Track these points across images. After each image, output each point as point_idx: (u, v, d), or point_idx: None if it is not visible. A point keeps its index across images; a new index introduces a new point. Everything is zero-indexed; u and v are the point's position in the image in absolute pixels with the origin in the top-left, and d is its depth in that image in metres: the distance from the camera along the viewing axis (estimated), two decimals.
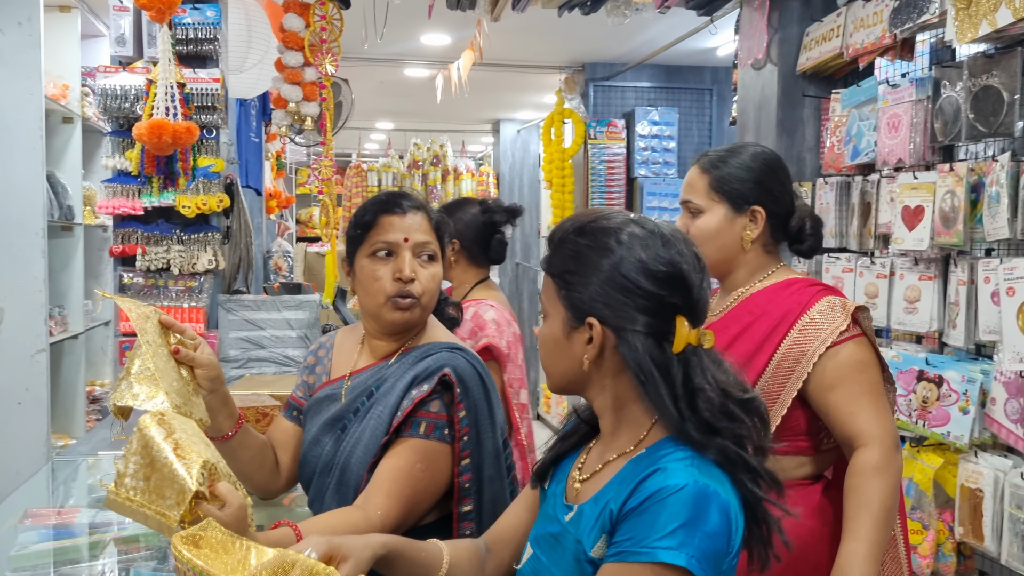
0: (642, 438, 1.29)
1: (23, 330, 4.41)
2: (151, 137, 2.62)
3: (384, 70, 7.20)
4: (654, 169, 6.92)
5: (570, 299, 1.29)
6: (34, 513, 2.00)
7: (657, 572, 1.15)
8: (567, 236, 1.31)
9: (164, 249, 3.41)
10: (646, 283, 1.25)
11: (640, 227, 1.30)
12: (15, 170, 4.36)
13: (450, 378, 1.73)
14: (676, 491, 1.17)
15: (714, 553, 1.16)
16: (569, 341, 1.30)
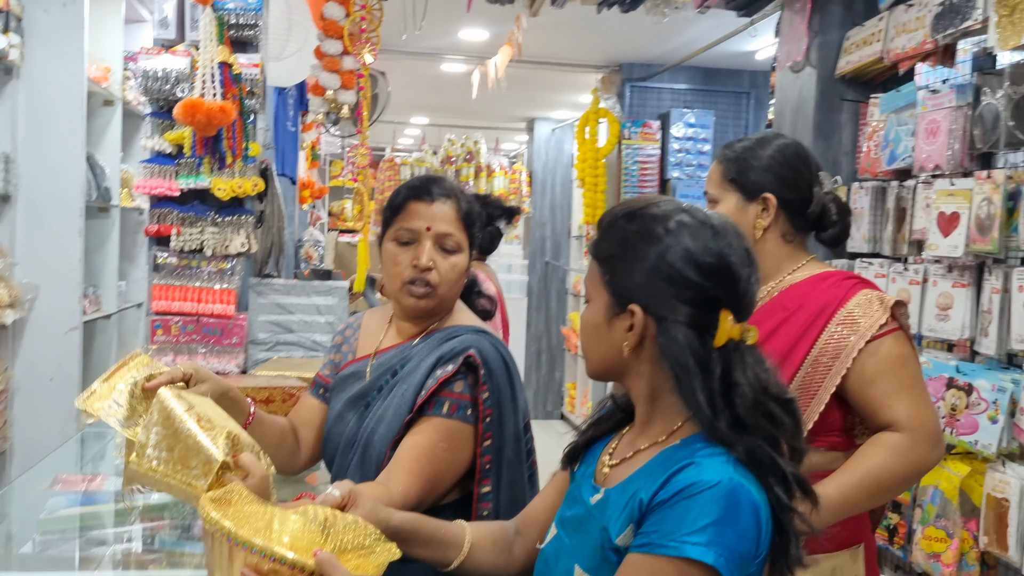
0: (675, 429, 1.29)
1: (57, 308, 4.48)
2: (185, 116, 2.65)
3: (421, 64, 7.24)
4: (688, 171, 6.89)
5: (613, 285, 1.28)
6: (63, 479, 2.04)
7: (683, 568, 1.13)
8: (616, 221, 1.31)
9: (198, 230, 3.45)
10: (692, 273, 1.24)
11: (690, 216, 1.28)
12: (56, 150, 4.44)
13: (475, 359, 1.75)
14: (709, 487, 1.16)
15: (742, 554, 1.15)
16: (610, 327, 1.29)
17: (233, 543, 1.18)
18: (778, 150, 1.96)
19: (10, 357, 4.46)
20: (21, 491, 2.11)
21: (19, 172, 4.42)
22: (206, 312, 3.41)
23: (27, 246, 4.44)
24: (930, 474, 2.74)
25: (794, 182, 1.95)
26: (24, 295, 4.38)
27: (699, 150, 6.90)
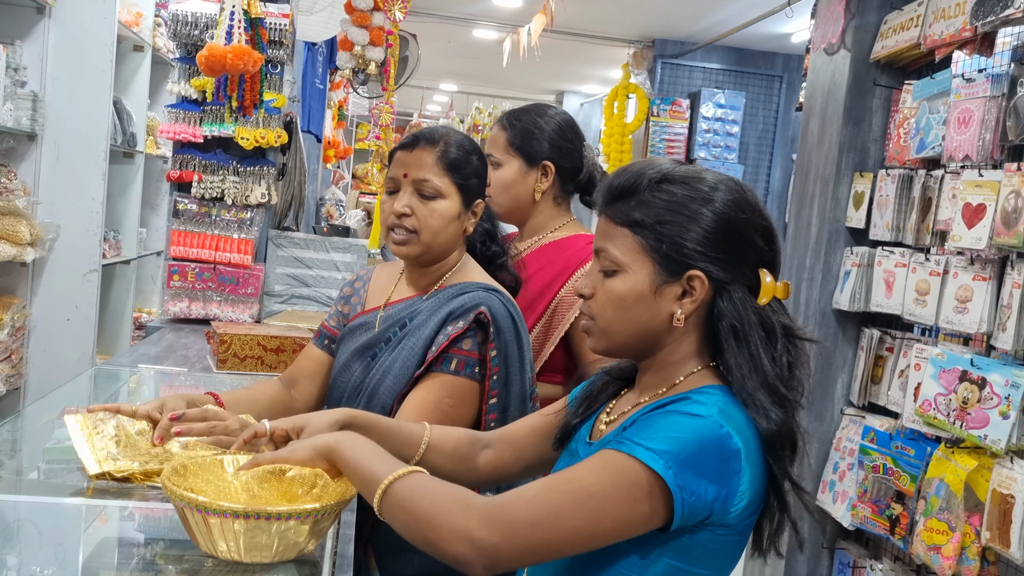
0: (678, 383, 1.28)
1: (77, 249, 4.52)
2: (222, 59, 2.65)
3: (453, 29, 7.19)
4: (715, 152, 6.84)
5: (662, 251, 1.24)
6: (71, 411, 2.05)
7: (632, 467, 1.13)
8: (651, 184, 1.26)
9: (220, 179, 3.46)
10: (753, 236, 1.25)
11: (730, 182, 1.29)
12: (83, 92, 4.46)
13: (485, 316, 1.74)
14: (690, 415, 1.17)
15: (697, 482, 1.13)
16: (656, 296, 1.25)
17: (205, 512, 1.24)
18: (557, 122, 2.20)
19: (29, 295, 4.50)
20: (31, 421, 2.13)
21: (46, 112, 4.44)
22: (223, 260, 3.42)
23: (51, 186, 4.47)
24: (936, 466, 2.72)
25: (569, 152, 2.20)
26: (45, 234, 4.41)
27: (727, 131, 6.84)
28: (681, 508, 1.13)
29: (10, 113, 4.14)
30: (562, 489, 1.14)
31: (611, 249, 1.28)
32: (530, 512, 1.12)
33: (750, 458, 1.20)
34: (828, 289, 3.46)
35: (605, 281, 1.29)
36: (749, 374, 1.23)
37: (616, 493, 1.12)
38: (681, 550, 1.19)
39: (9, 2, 4.31)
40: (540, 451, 1.49)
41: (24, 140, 4.42)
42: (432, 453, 1.45)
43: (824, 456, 3.42)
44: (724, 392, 1.25)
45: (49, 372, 4.39)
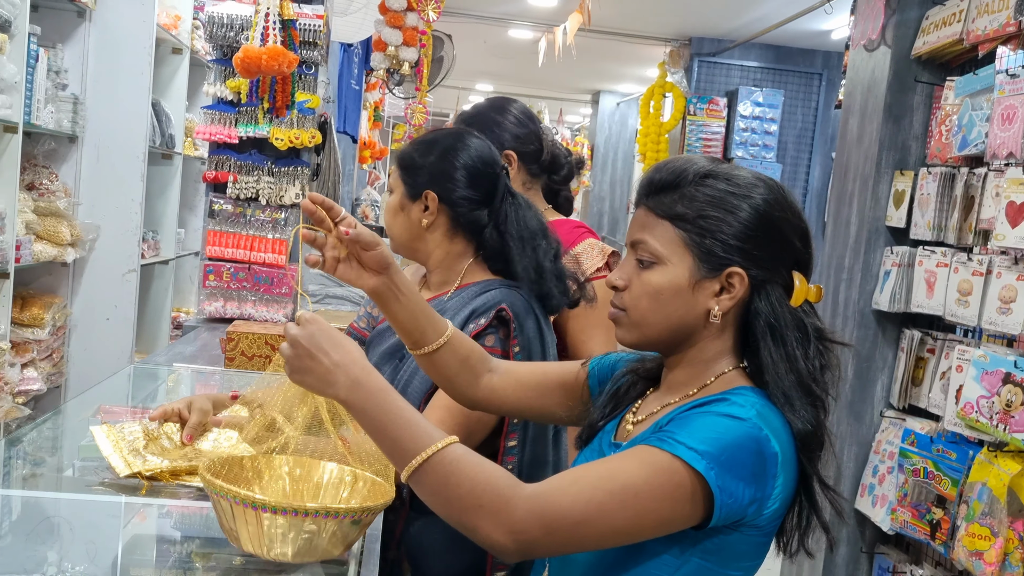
0: (709, 384, 1.27)
1: (117, 249, 4.58)
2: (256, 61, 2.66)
3: (488, 29, 7.19)
4: (752, 152, 6.77)
5: (704, 246, 1.23)
6: (107, 409, 2.08)
7: (673, 465, 1.12)
8: (696, 179, 1.25)
9: (255, 179, 3.48)
10: (792, 237, 1.25)
11: (769, 179, 1.29)
12: (123, 95, 4.52)
13: (507, 313, 1.73)
14: (729, 416, 1.16)
15: (736, 483, 1.13)
16: (694, 291, 1.24)
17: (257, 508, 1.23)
18: (512, 112, 2.28)
19: (69, 295, 4.57)
20: (67, 418, 2.16)
21: (86, 114, 4.51)
22: (258, 260, 3.44)
23: (91, 187, 4.53)
24: (979, 470, 2.66)
25: (527, 137, 2.26)
26: (86, 235, 4.48)
27: (765, 130, 6.76)
28: (720, 510, 1.13)
29: (51, 115, 4.20)
30: (607, 487, 1.12)
31: (651, 241, 1.26)
32: (575, 511, 1.11)
33: (786, 462, 1.19)
34: (867, 289, 3.40)
35: (641, 273, 1.27)
36: (785, 373, 1.22)
37: (660, 493, 1.12)
38: (712, 550, 1.19)
39: (51, 6, 4.38)
40: (541, 402, 1.49)
41: (65, 142, 4.49)
42: (447, 351, 1.44)
43: (863, 459, 3.36)
44: (759, 394, 1.23)
45: (89, 370, 4.45)
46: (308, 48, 3.36)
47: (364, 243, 1.35)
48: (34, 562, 1.44)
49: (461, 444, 1.17)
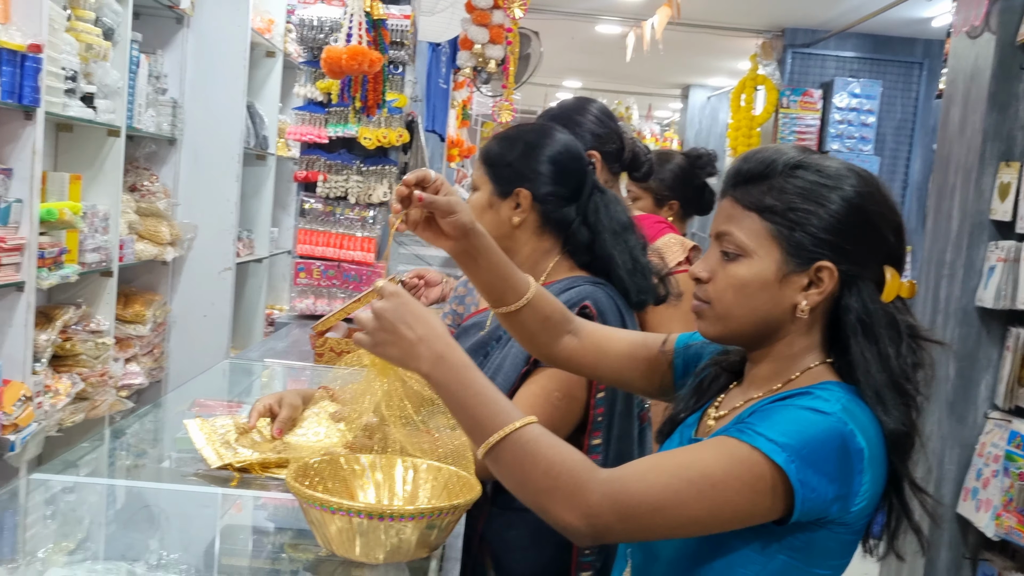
0: (794, 378, 1.23)
1: (213, 248, 4.72)
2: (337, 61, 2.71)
3: (575, 25, 7.16)
4: (848, 144, 6.57)
5: (793, 240, 1.19)
6: (201, 403, 2.14)
7: (754, 458, 1.10)
8: (785, 170, 1.21)
9: (344, 178, 3.54)
10: (884, 229, 1.21)
11: (862, 171, 1.25)
12: (219, 98, 4.65)
13: (591, 310, 1.72)
14: (812, 410, 1.13)
15: (819, 478, 1.10)
16: (782, 285, 1.20)
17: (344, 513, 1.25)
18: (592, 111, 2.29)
19: (169, 293, 4.73)
20: (165, 412, 2.23)
21: (184, 117, 4.66)
22: (347, 258, 3.50)
23: (189, 188, 4.68)
24: None
25: (608, 136, 2.27)
26: (184, 234, 4.63)
27: (863, 122, 6.56)
28: (801, 504, 1.11)
29: (152, 119, 4.35)
30: (685, 475, 1.11)
31: (737, 233, 1.22)
32: (651, 498, 1.10)
33: (873, 459, 1.15)
34: (970, 286, 3.26)
35: (727, 265, 1.23)
36: (877, 371, 1.18)
37: (738, 484, 1.10)
38: (798, 547, 1.16)
39: (152, 13, 4.53)
40: (619, 370, 1.48)
41: (165, 144, 4.64)
42: (530, 310, 1.44)
43: (966, 462, 3.22)
44: (846, 389, 1.20)
45: (188, 366, 4.59)
46: (395, 48, 3.40)
47: (440, 211, 1.35)
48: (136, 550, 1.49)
49: (540, 425, 1.17)
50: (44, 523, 1.59)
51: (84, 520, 1.64)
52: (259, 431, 1.75)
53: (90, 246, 3.74)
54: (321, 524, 1.28)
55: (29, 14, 3.15)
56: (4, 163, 3.20)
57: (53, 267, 3.38)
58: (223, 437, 1.71)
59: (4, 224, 3.15)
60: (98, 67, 3.74)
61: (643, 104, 10.05)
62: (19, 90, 3.10)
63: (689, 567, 1.22)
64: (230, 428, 1.75)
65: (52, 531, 1.56)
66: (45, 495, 1.65)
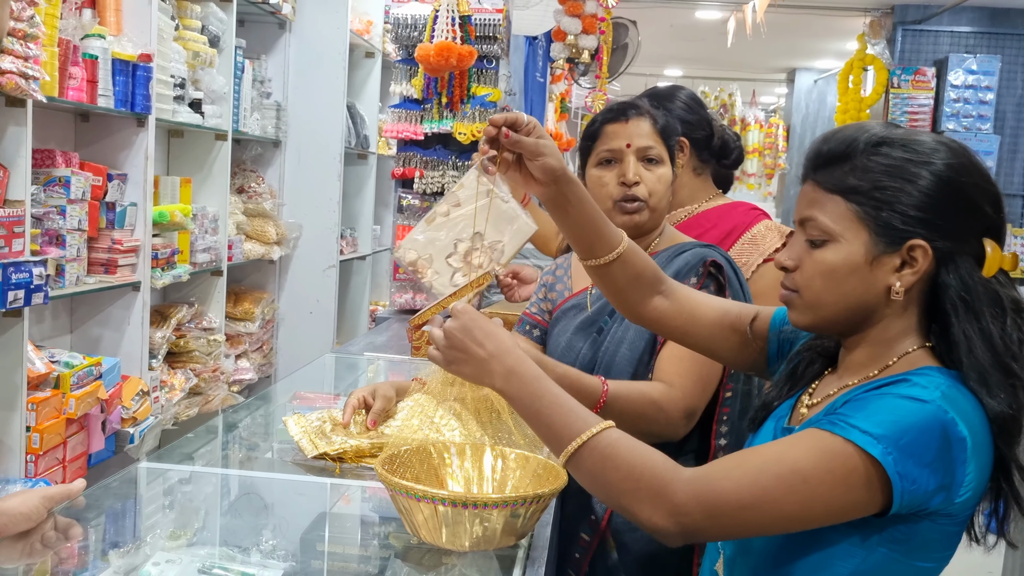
0: (891, 364, 1.18)
1: (317, 246, 4.85)
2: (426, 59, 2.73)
3: (674, 12, 7.05)
4: (965, 123, 6.28)
5: (880, 220, 1.14)
6: (302, 395, 2.20)
7: (847, 452, 1.06)
8: (868, 148, 1.17)
9: (440, 174, 3.57)
10: (981, 202, 1.15)
11: (951, 142, 1.19)
12: (320, 99, 4.76)
13: (719, 262, 1.80)
14: (910, 399, 1.09)
15: (918, 468, 1.05)
16: (872, 268, 1.16)
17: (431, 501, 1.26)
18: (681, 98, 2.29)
19: (276, 290, 4.87)
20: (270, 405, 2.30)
21: (288, 119, 4.79)
22: None
23: (293, 188, 4.81)
24: None
25: (697, 123, 2.26)
26: (290, 233, 4.76)
27: (980, 99, 6.25)
28: (900, 497, 1.07)
29: (257, 122, 4.49)
30: (773, 470, 1.08)
31: (821, 217, 1.19)
32: (739, 495, 1.08)
33: (977, 447, 1.10)
34: None
35: (813, 252, 1.20)
36: (981, 351, 1.12)
37: (831, 479, 1.07)
38: (900, 539, 1.12)
39: (256, 20, 4.68)
40: (709, 339, 1.45)
41: (270, 146, 4.78)
42: (621, 263, 1.43)
43: None
44: (946, 375, 1.14)
45: (295, 361, 4.72)
46: (487, 42, 3.40)
47: (527, 151, 1.33)
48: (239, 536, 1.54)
49: (617, 429, 1.16)
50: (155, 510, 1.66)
51: (192, 507, 1.71)
52: (355, 423, 1.78)
53: (201, 246, 3.89)
54: (408, 512, 1.30)
55: (139, 25, 3.29)
56: (119, 168, 3.36)
57: (166, 267, 3.52)
58: (319, 428, 1.75)
59: (120, 227, 3.30)
60: (205, 74, 3.88)
61: (746, 90, 9.82)
62: (131, 98, 3.24)
63: (783, 561, 1.19)
64: (325, 420, 1.78)
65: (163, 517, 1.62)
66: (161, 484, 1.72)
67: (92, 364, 2.99)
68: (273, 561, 1.43)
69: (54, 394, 2.81)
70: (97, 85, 3.03)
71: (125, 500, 1.66)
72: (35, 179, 2.90)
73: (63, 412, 2.84)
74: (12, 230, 2.55)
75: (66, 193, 2.96)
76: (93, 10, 3.22)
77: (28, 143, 2.64)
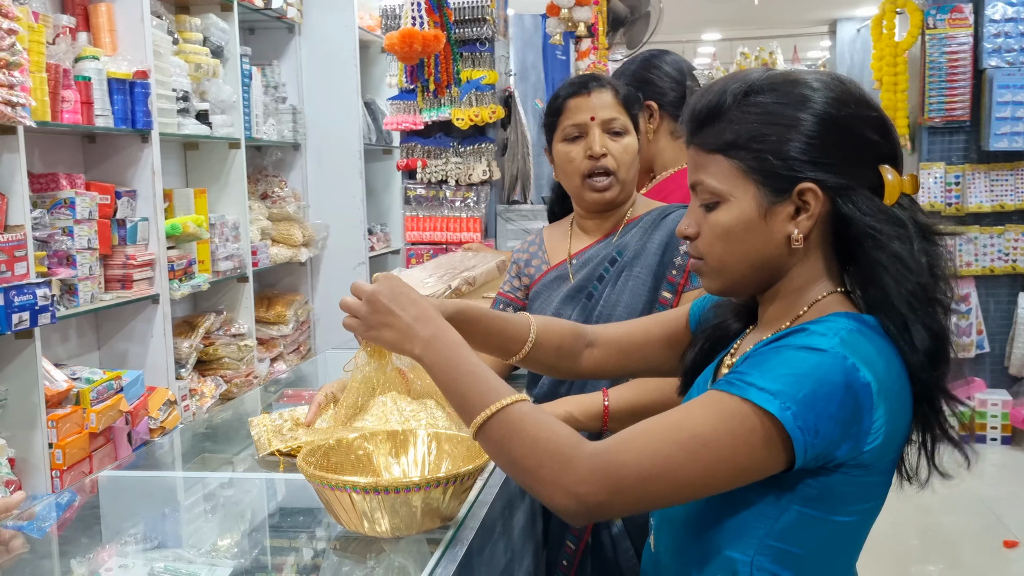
0: (802, 314, 1.15)
1: (346, 245, 4.90)
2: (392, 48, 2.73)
3: None
4: (1008, 58, 5.98)
5: (765, 170, 1.11)
6: (288, 394, 2.23)
7: (746, 413, 1.03)
8: (737, 101, 1.13)
9: (443, 162, 3.56)
10: (865, 131, 1.11)
11: (825, 75, 1.15)
12: (335, 99, 4.81)
13: None
14: (806, 349, 1.04)
15: (820, 421, 1.02)
16: (767, 220, 1.12)
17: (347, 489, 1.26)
18: (643, 62, 2.28)
19: (310, 291, 4.94)
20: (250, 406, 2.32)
21: (305, 122, 4.83)
22: (454, 240, 3.53)
23: (317, 189, 4.87)
24: None
25: (664, 87, 2.23)
26: (317, 234, 4.81)
27: (1022, 32, 5.96)
28: (804, 451, 1.03)
29: (273, 128, 4.54)
30: (672, 438, 1.05)
31: (707, 180, 1.15)
32: (639, 466, 1.04)
33: (884, 391, 1.05)
34: None
35: (708, 216, 1.16)
36: (895, 278, 1.08)
37: (731, 440, 1.03)
38: (813, 496, 1.08)
39: (265, 27, 4.73)
40: (648, 363, 1.44)
41: (290, 150, 4.84)
42: (537, 350, 1.41)
43: None
44: (850, 319, 1.10)
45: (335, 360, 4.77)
46: (474, 25, 3.38)
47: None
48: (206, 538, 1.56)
49: (530, 403, 1.13)
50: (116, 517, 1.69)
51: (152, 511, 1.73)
52: (325, 418, 1.79)
53: (222, 255, 3.96)
54: (328, 503, 1.30)
55: (134, 43, 3.36)
56: (128, 185, 3.43)
57: (184, 278, 3.60)
58: (278, 427, 1.76)
59: (133, 242, 3.38)
60: (211, 84, 3.94)
61: (788, 47, 9.56)
62: (131, 115, 3.31)
63: (703, 527, 1.15)
64: (286, 419, 1.80)
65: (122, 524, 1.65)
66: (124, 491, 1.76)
67: (112, 378, 3.07)
68: (225, 560, 1.45)
69: (74, 410, 2.89)
70: (93, 106, 3.10)
71: (88, 509, 1.69)
72: (40, 203, 2.98)
73: (85, 427, 2.92)
74: (13, 254, 2.62)
75: (72, 214, 3.04)
76: (88, 33, 3.30)
77: (23, 168, 2.72)
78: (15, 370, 2.75)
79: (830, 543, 1.11)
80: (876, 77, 6.30)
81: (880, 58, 6.23)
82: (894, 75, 6.14)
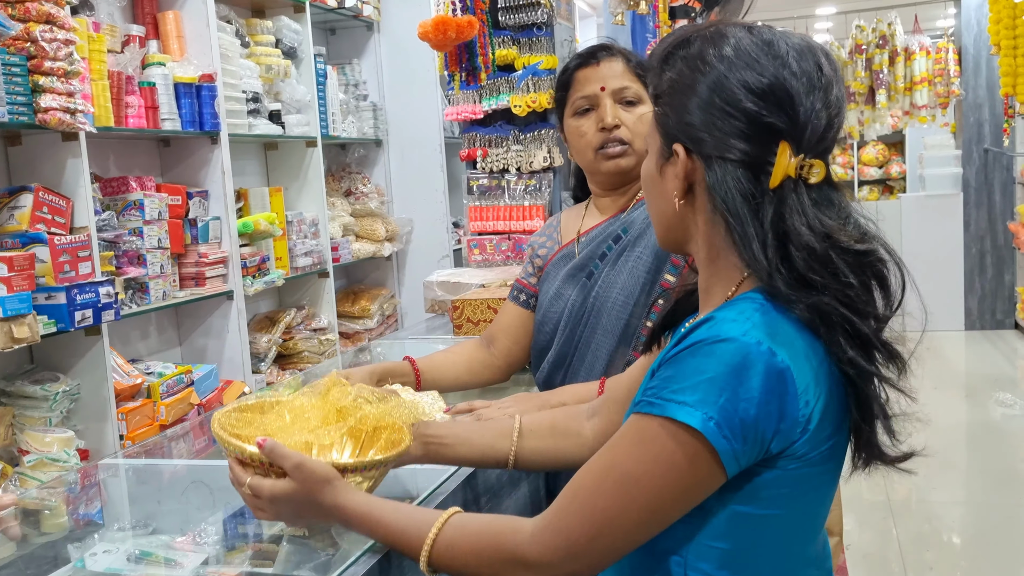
0: (730, 293, 1.06)
1: (429, 238, 4.93)
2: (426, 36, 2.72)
3: None
4: None
5: (664, 125, 1.08)
6: None
7: (669, 430, 0.95)
8: (668, 53, 1.09)
9: (503, 150, 3.51)
10: (745, 100, 1.01)
11: (751, 36, 1.05)
12: (415, 95, 4.86)
13: None
14: (715, 342, 0.96)
15: (746, 424, 0.94)
16: (662, 177, 1.10)
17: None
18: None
19: (395, 286, 5.00)
20: None
21: (387, 119, 4.90)
22: (517, 229, 3.48)
23: (399, 185, 4.93)
24: None
25: None
26: (401, 229, 4.87)
27: None
28: (735, 460, 0.96)
29: (353, 125, 4.62)
30: (605, 487, 0.99)
31: None
32: (583, 528, 1.00)
33: (808, 371, 0.97)
34: None
35: None
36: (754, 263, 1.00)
37: (661, 470, 0.97)
38: (747, 494, 1.00)
39: (345, 26, 4.82)
40: None
41: (372, 147, 4.91)
42: (527, 446, 1.37)
43: None
44: (763, 298, 1.01)
45: None
46: (530, 10, 3.32)
47: None
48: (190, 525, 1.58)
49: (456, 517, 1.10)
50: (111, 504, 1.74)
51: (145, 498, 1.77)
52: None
53: (300, 251, 4.05)
54: None
55: (201, 48, 3.47)
56: (200, 186, 3.55)
57: (257, 274, 3.70)
58: None
59: (205, 241, 3.49)
60: (285, 85, 4.03)
61: (907, 17, 9.02)
62: (199, 118, 3.42)
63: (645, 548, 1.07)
64: None
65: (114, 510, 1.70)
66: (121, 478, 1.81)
67: (182, 372, 3.19)
68: (205, 544, 1.47)
69: (145, 403, 3.01)
70: (159, 110, 3.22)
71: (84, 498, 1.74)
72: (110, 205, 3.12)
73: (155, 419, 3.04)
74: (77, 255, 2.75)
75: (141, 215, 3.16)
76: (158, 41, 3.43)
77: (86, 172, 2.85)
78: (85, 365, 2.88)
79: (770, 540, 1.02)
80: (993, 42, 5.90)
81: (997, 21, 5.83)
82: (1012, 39, 5.72)
